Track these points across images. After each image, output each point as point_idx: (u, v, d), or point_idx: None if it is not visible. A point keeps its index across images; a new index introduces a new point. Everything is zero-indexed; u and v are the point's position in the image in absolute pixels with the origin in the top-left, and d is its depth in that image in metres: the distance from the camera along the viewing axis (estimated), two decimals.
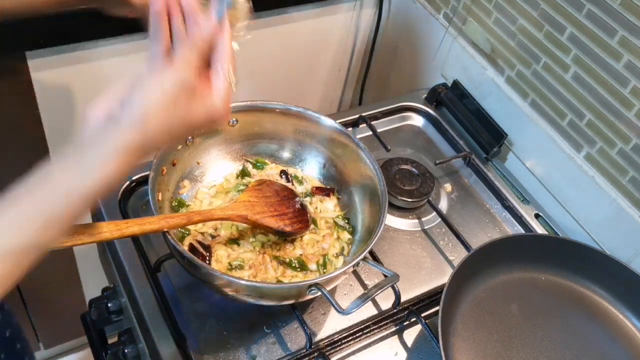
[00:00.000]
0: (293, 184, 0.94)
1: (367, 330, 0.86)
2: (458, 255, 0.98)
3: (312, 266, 0.85)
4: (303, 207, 0.89)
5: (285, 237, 0.87)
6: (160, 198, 0.82)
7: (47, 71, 1.07)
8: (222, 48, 0.56)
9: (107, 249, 0.89)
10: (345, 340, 0.84)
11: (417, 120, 1.21)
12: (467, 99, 1.18)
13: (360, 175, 0.92)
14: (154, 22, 0.57)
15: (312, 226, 0.89)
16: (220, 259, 0.82)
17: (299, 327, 0.83)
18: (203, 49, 0.56)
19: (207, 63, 0.57)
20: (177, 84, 0.54)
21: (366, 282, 0.92)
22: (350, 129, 1.12)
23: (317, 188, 0.95)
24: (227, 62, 0.57)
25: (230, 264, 0.82)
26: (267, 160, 0.97)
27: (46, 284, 1.32)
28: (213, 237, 0.85)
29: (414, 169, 1.06)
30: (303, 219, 0.88)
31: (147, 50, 0.56)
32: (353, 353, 0.84)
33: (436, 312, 0.83)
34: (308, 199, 0.93)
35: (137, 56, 1.15)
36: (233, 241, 0.84)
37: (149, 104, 0.54)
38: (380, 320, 0.87)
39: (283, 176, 0.95)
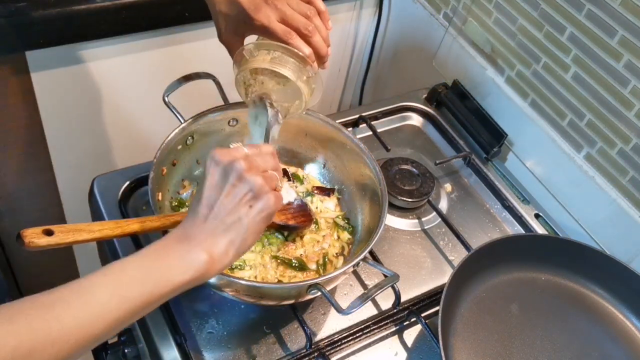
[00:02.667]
0: (294, 183, 0.94)
1: (367, 330, 0.86)
2: (458, 255, 0.98)
3: (312, 266, 0.85)
4: (303, 203, 0.89)
5: (289, 232, 0.86)
6: (160, 198, 0.82)
7: (47, 71, 1.07)
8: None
9: (106, 248, 0.89)
10: (345, 340, 0.84)
11: (417, 120, 1.21)
12: (467, 99, 1.18)
13: (360, 175, 0.92)
14: None
15: (313, 226, 0.89)
16: None
17: (299, 327, 0.83)
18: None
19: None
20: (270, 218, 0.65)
21: (366, 282, 0.92)
22: (350, 129, 1.12)
23: (317, 188, 0.95)
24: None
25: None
26: None
27: (46, 284, 1.32)
28: None
29: (414, 169, 1.06)
30: (305, 213, 0.88)
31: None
32: (353, 353, 0.84)
33: (436, 312, 0.83)
34: (309, 198, 0.93)
35: (137, 56, 1.15)
36: None
37: (251, 240, 0.64)
38: (380, 320, 0.87)
39: (284, 176, 0.95)
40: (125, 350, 0.86)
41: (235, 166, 0.62)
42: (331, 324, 0.86)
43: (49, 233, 0.62)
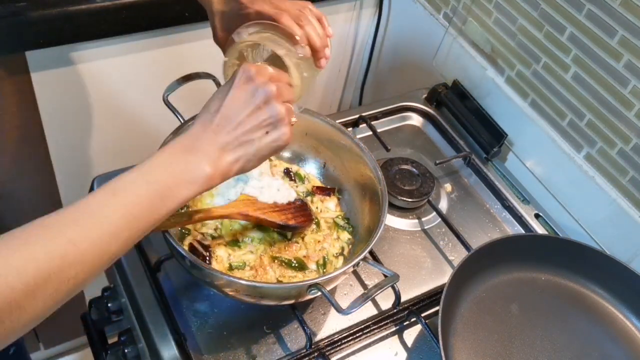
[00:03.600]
0: (295, 181, 0.94)
1: (367, 330, 0.86)
2: (458, 255, 0.98)
3: (312, 266, 0.85)
4: (303, 203, 0.89)
5: (290, 232, 0.86)
6: None
7: (47, 71, 1.07)
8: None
9: None
10: (345, 340, 0.84)
11: (417, 120, 1.21)
12: (467, 99, 1.18)
13: (360, 175, 0.92)
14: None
15: (314, 226, 0.89)
16: (221, 260, 0.82)
17: (299, 327, 0.83)
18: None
19: None
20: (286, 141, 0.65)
21: (366, 282, 0.92)
22: (350, 129, 1.12)
23: (317, 188, 0.95)
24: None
25: (230, 264, 0.82)
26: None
27: None
28: (213, 237, 0.84)
29: (414, 169, 1.06)
30: (305, 213, 0.88)
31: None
32: (353, 353, 0.84)
33: (436, 312, 0.83)
34: (309, 198, 0.93)
35: (137, 56, 1.15)
36: (234, 243, 0.84)
37: (254, 164, 0.64)
38: (380, 320, 0.87)
39: (286, 176, 0.95)
40: (125, 350, 0.86)
41: (267, 89, 0.61)
42: (331, 324, 0.86)
43: None
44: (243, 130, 0.61)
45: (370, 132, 1.11)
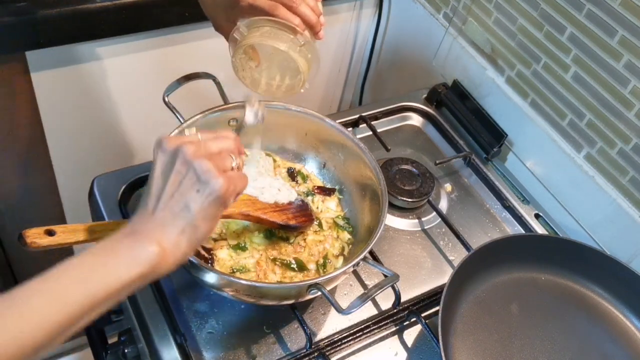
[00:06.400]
0: (297, 181, 0.94)
1: (367, 330, 0.86)
2: (458, 255, 0.98)
3: (312, 266, 0.85)
4: (304, 203, 0.89)
5: (290, 232, 0.86)
6: None
7: (47, 71, 1.07)
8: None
9: None
10: (345, 340, 0.84)
11: (417, 120, 1.21)
12: (467, 99, 1.18)
13: (360, 175, 0.92)
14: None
15: (316, 226, 0.89)
16: (223, 263, 0.82)
17: (299, 327, 0.83)
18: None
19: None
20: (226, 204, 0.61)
21: (366, 282, 0.92)
22: (350, 129, 1.12)
23: (318, 187, 0.95)
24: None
25: (232, 267, 0.82)
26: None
27: None
28: (215, 240, 0.84)
29: (414, 169, 1.06)
30: (306, 213, 0.88)
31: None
32: (353, 353, 0.84)
33: (436, 312, 0.83)
34: (310, 198, 0.93)
35: (136, 56, 1.15)
36: (236, 246, 0.84)
37: (205, 228, 0.59)
38: (380, 320, 0.87)
39: (289, 176, 0.95)
40: (125, 350, 0.86)
41: (180, 151, 0.58)
42: (331, 324, 0.86)
43: (51, 233, 0.62)
44: (173, 199, 0.57)
45: (370, 132, 1.11)
